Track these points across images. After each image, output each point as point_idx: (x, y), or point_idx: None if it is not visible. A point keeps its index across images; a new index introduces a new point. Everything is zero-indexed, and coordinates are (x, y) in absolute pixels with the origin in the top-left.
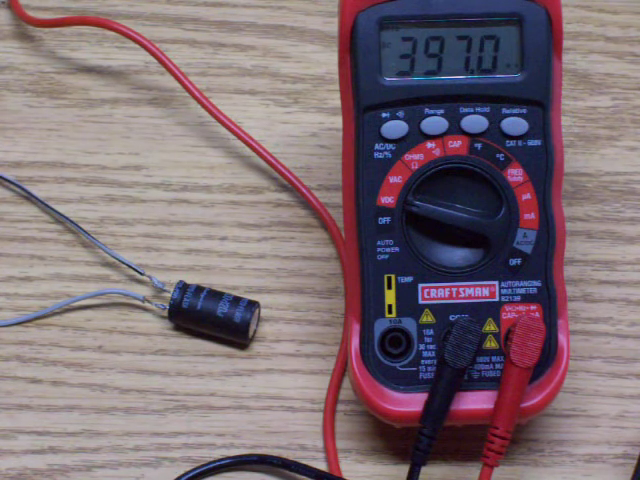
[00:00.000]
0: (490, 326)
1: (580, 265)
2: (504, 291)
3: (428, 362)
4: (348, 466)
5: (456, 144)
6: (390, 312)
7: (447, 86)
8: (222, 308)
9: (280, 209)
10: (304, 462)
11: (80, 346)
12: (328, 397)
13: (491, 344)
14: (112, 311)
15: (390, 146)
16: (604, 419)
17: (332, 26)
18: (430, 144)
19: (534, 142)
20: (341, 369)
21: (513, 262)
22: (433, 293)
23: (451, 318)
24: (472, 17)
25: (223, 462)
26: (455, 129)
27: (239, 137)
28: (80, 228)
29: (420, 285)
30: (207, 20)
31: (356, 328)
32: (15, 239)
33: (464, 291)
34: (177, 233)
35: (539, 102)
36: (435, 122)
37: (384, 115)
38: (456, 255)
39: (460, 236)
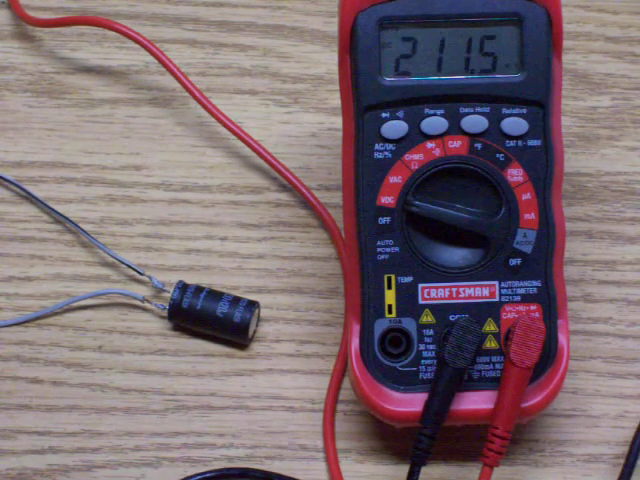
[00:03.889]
0: (490, 326)
1: (580, 265)
2: (504, 291)
3: (428, 362)
4: (348, 466)
5: (456, 144)
6: (390, 312)
7: (447, 86)
8: (222, 308)
9: (280, 209)
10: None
11: (80, 346)
12: (328, 397)
13: (491, 344)
14: (112, 311)
15: (390, 146)
16: (604, 419)
17: (332, 26)
18: (430, 144)
19: (534, 142)
20: (341, 369)
21: (513, 262)
22: (433, 293)
23: (451, 318)
24: (472, 17)
25: (206, 475)
26: (455, 129)
27: (239, 137)
28: (80, 228)
29: (420, 285)
30: (207, 20)
31: (356, 328)
32: (15, 239)
33: (464, 291)
34: (177, 233)
35: (539, 102)
36: (435, 122)
37: (384, 115)
38: (456, 255)
39: (460, 236)
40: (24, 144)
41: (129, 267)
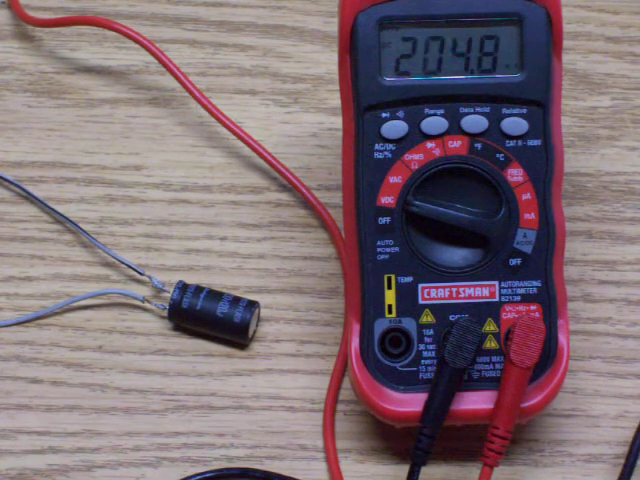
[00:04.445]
0: (490, 326)
1: (580, 265)
2: (504, 291)
3: (428, 362)
4: (348, 466)
5: (456, 144)
6: (390, 312)
7: (447, 86)
8: (222, 308)
9: (280, 209)
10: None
11: (80, 346)
12: (328, 397)
13: (491, 344)
14: (112, 311)
15: (390, 146)
16: (604, 419)
17: (332, 26)
18: (430, 144)
19: (534, 142)
20: (341, 369)
21: (513, 262)
22: (433, 293)
23: (451, 318)
24: (472, 17)
25: (206, 475)
26: (455, 129)
27: (239, 137)
28: (80, 228)
29: (420, 285)
30: (207, 20)
31: (356, 328)
32: (15, 239)
33: (464, 291)
34: (177, 233)
35: (539, 102)
36: (435, 122)
37: (384, 115)
38: (456, 255)
39: (460, 236)
40: (24, 144)
41: (129, 267)
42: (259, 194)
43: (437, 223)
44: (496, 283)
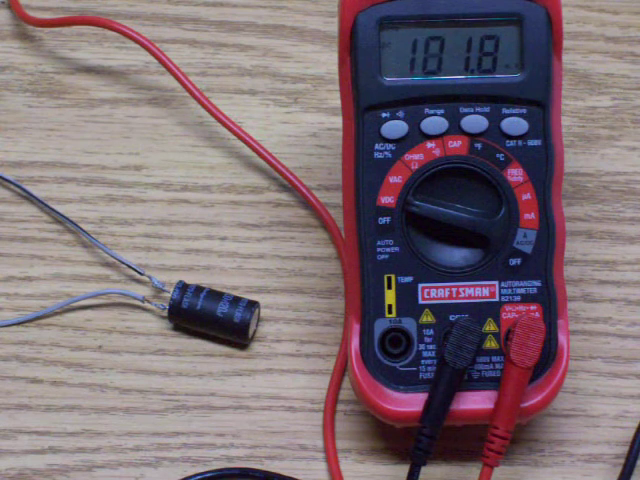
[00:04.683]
0: (490, 326)
1: (580, 265)
2: (504, 291)
3: (428, 362)
4: (348, 466)
5: (456, 144)
6: (390, 312)
7: (447, 86)
8: (222, 308)
9: (280, 209)
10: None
11: (80, 346)
12: (328, 397)
13: (491, 344)
14: (112, 311)
15: (390, 146)
16: (604, 419)
17: (332, 26)
18: (430, 144)
19: (534, 142)
20: (341, 369)
21: (513, 262)
22: (433, 293)
23: (451, 318)
24: (472, 17)
25: (206, 475)
26: (455, 129)
27: (239, 137)
28: (80, 228)
29: (420, 285)
30: (207, 20)
31: (356, 328)
32: (15, 239)
33: (464, 291)
34: (177, 233)
35: (539, 102)
36: (435, 122)
37: (384, 115)
38: (456, 255)
39: (460, 236)
40: (24, 144)
41: (129, 267)
42: (259, 194)
43: (437, 223)
44: (496, 283)
